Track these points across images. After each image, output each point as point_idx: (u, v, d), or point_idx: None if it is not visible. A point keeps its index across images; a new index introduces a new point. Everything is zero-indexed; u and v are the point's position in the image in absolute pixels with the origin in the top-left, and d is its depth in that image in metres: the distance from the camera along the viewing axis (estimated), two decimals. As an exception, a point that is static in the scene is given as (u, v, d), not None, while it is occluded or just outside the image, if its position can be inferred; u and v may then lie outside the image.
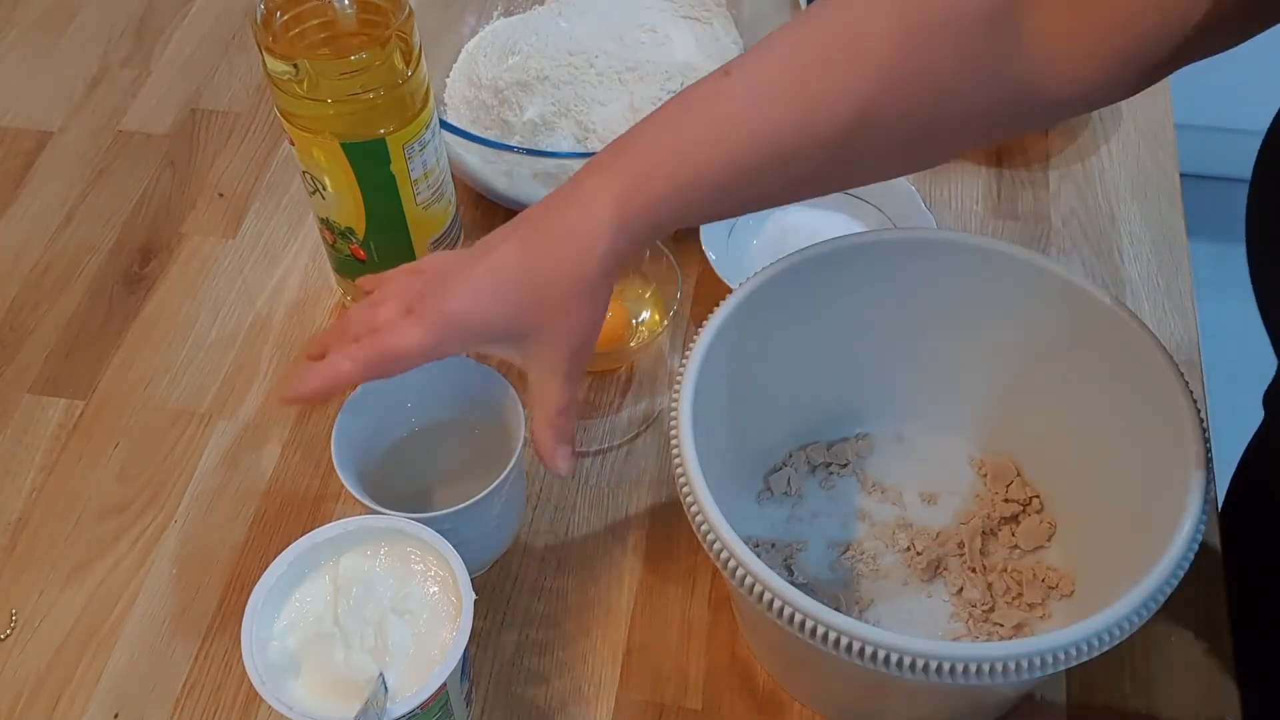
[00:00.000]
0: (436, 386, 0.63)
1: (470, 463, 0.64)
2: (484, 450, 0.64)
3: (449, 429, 0.65)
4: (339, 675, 0.52)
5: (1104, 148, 0.85)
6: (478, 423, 0.64)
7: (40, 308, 0.79)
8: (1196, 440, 0.53)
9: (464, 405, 0.64)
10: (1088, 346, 0.60)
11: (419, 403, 0.64)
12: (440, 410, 0.65)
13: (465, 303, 0.55)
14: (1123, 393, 0.58)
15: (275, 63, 0.62)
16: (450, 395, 0.64)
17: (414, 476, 0.65)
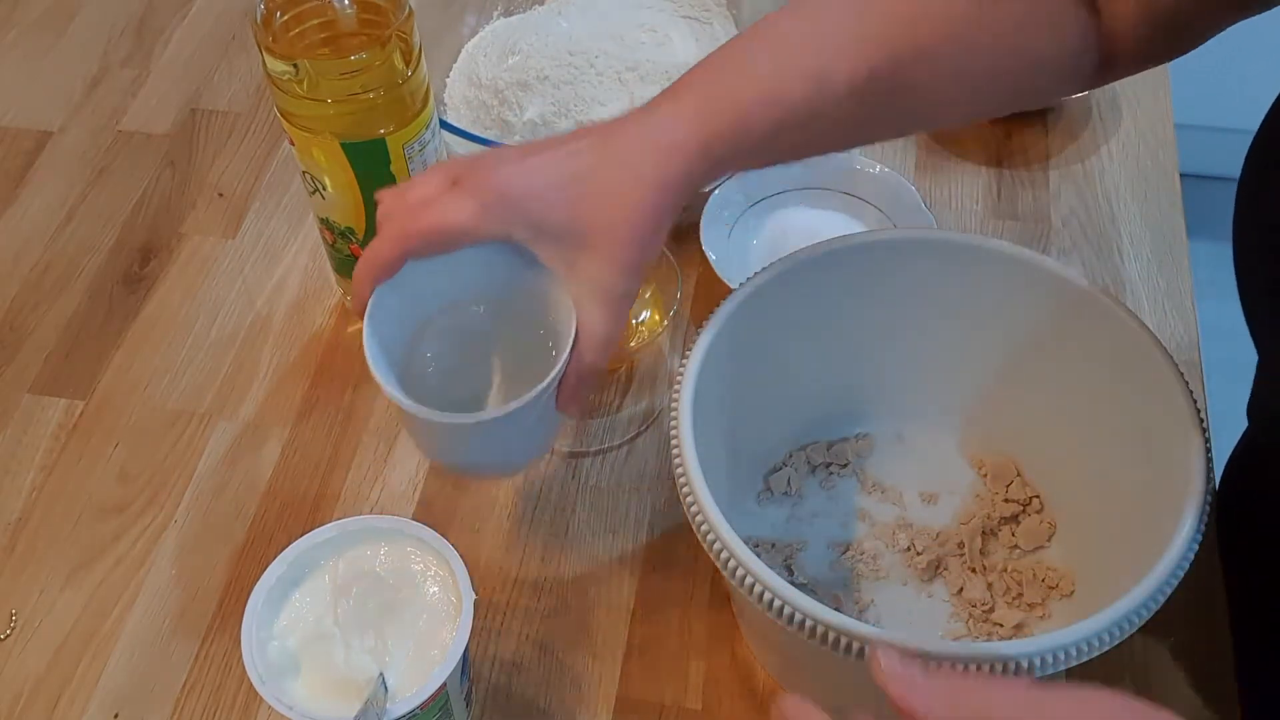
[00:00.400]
0: (477, 275, 0.55)
1: (513, 364, 0.59)
2: (527, 351, 0.57)
3: (490, 326, 0.59)
4: (339, 675, 0.52)
5: (1104, 148, 0.85)
6: (521, 316, 0.57)
7: (40, 308, 0.79)
8: (1197, 440, 0.53)
9: (507, 297, 0.57)
10: (1088, 347, 0.60)
11: (457, 292, 0.57)
12: (480, 301, 0.58)
13: (524, 181, 0.51)
14: (1123, 393, 0.58)
15: (275, 63, 0.62)
16: (492, 284, 0.56)
17: (451, 376, 0.58)
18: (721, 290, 0.70)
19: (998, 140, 0.86)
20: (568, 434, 0.72)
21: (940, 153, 0.86)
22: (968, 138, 0.86)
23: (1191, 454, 0.53)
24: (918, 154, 0.86)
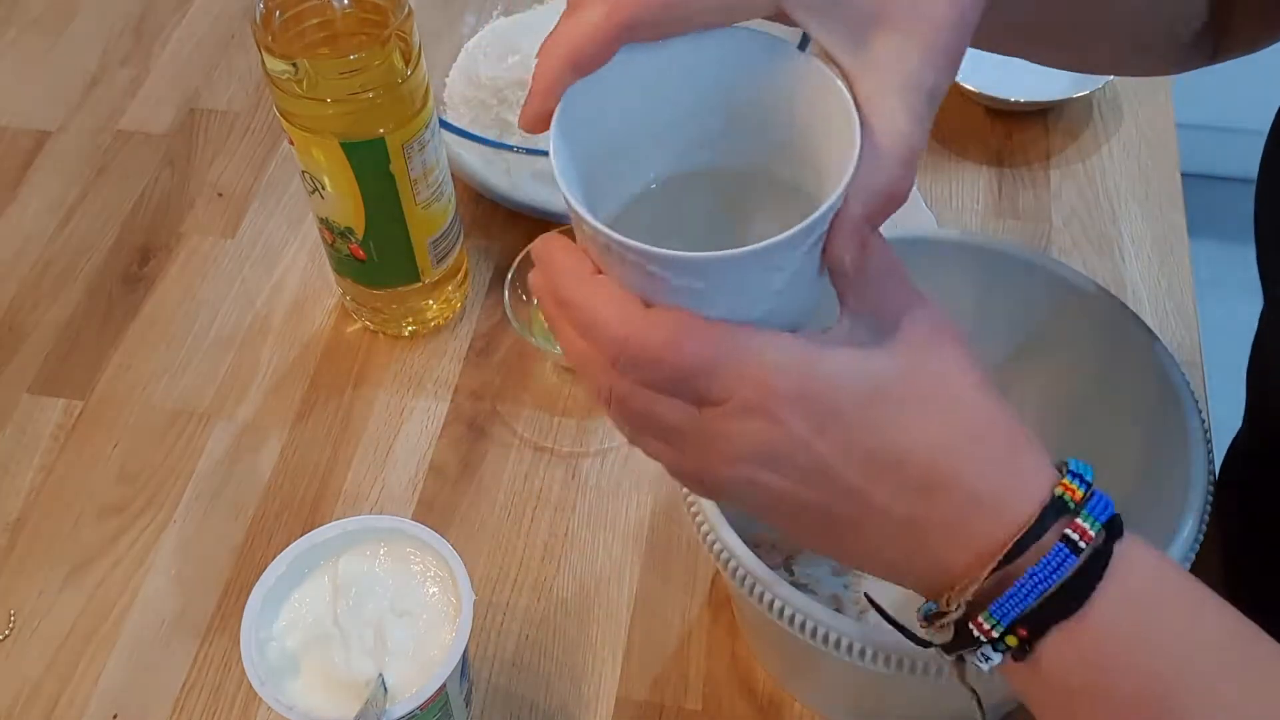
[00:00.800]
0: (697, 132, 0.42)
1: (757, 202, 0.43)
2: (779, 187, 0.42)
3: (714, 206, 0.44)
4: (338, 676, 0.52)
5: (1105, 147, 0.85)
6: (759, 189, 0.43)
7: (39, 307, 0.79)
8: (1198, 440, 0.53)
9: (741, 162, 0.43)
10: (1088, 346, 0.60)
11: (668, 159, 0.43)
12: (701, 169, 0.43)
13: None
14: (1124, 393, 0.58)
15: (274, 62, 0.62)
16: (719, 146, 0.42)
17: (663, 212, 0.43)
18: (722, 290, 0.70)
19: (998, 139, 0.86)
20: (568, 434, 0.71)
21: (941, 151, 0.85)
22: (968, 137, 0.86)
23: (1193, 454, 0.53)
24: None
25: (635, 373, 0.38)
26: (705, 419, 0.38)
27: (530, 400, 0.73)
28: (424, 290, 0.74)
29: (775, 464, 0.38)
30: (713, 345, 0.37)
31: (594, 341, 0.38)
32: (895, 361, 0.38)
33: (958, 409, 0.39)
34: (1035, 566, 0.37)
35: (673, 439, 0.39)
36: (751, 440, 0.37)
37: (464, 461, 0.71)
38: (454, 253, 0.74)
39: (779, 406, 0.37)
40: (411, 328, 0.76)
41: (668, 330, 0.37)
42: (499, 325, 0.76)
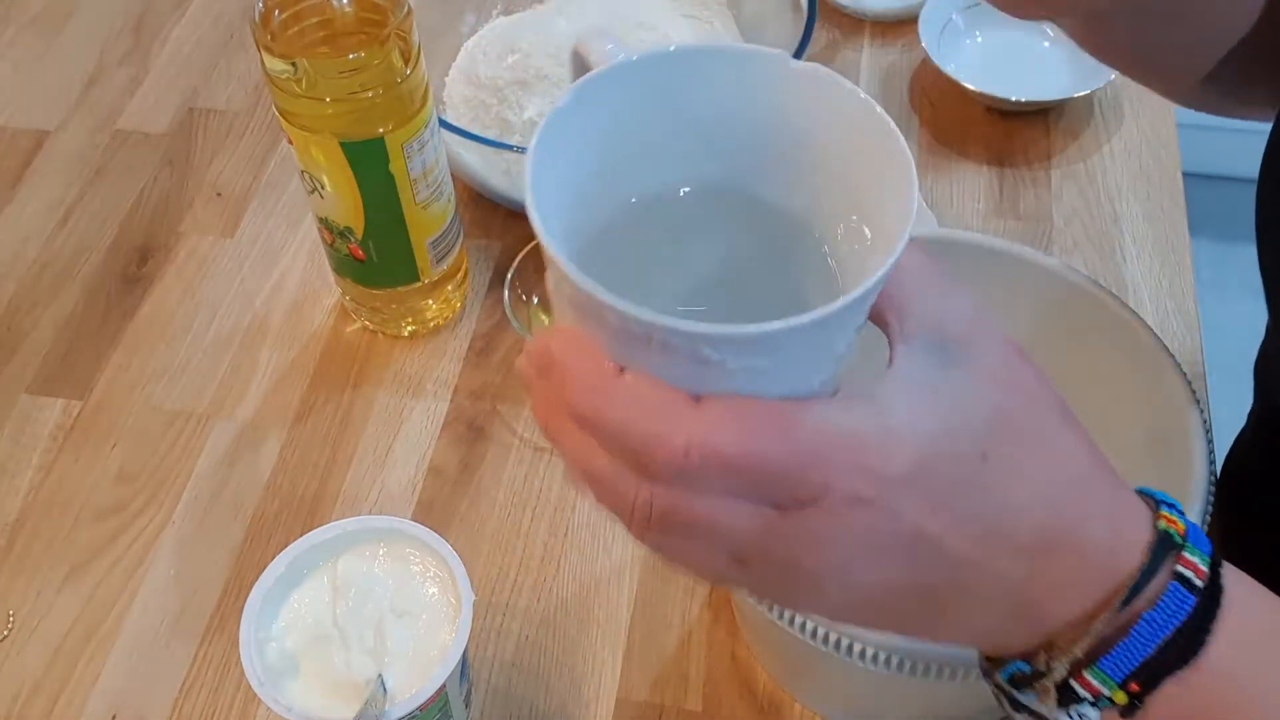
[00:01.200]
0: (699, 137, 0.37)
1: (769, 255, 0.39)
2: (799, 238, 0.38)
3: (709, 221, 0.39)
4: (338, 676, 0.52)
5: (1106, 147, 0.85)
6: (765, 209, 0.38)
7: (37, 308, 0.79)
8: (1199, 440, 0.53)
9: (747, 176, 0.38)
10: (1089, 346, 0.60)
11: (665, 170, 0.38)
12: (697, 183, 0.38)
13: None
14: (1125, 392, 0.58)
15: (274, 61, 0.62)
16: (753, 125, 0.37)
17: (660, 263, 0.39)
18: (722, 289, 0.70)
19: (999, 139, 0.86)
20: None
21: (942, 151, 0.85)
22: (969, 136, 0.86)
23: (1193, 452, 0.53)
24: (919, 153, 0.85)
25: (695, 483, 0.32)
26: (792, 523, 0.32)
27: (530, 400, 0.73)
28: (424, 290, 0.74)
29: (881, 557, 0.33)
30: (796, 435, 0.31)
31: (639, 456, 0.32)
32: (986, 403, 0.34)
33: (1057, 452, 0.35)
34: (1152, 611, 0.34)
35: (745, 551, 0.33)
36: (855, 537, 0.32)
37: (464, 462, 0.70)
38: (454, 252, 0.74)
39: (888, 492, 0.32)
40: (411, 328, 0.76)
41: (737, 427, 0.31)
42: (499, 325, 0.76)
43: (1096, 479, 0.36)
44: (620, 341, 0.32)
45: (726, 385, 0.31)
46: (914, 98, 0.89)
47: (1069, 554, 0.34)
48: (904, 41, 0.92)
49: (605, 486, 0.33)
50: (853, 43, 0.93)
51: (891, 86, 0.90)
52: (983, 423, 0.34)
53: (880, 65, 0.91)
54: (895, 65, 0.91)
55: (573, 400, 0.33)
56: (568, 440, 0.34)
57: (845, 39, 0.93)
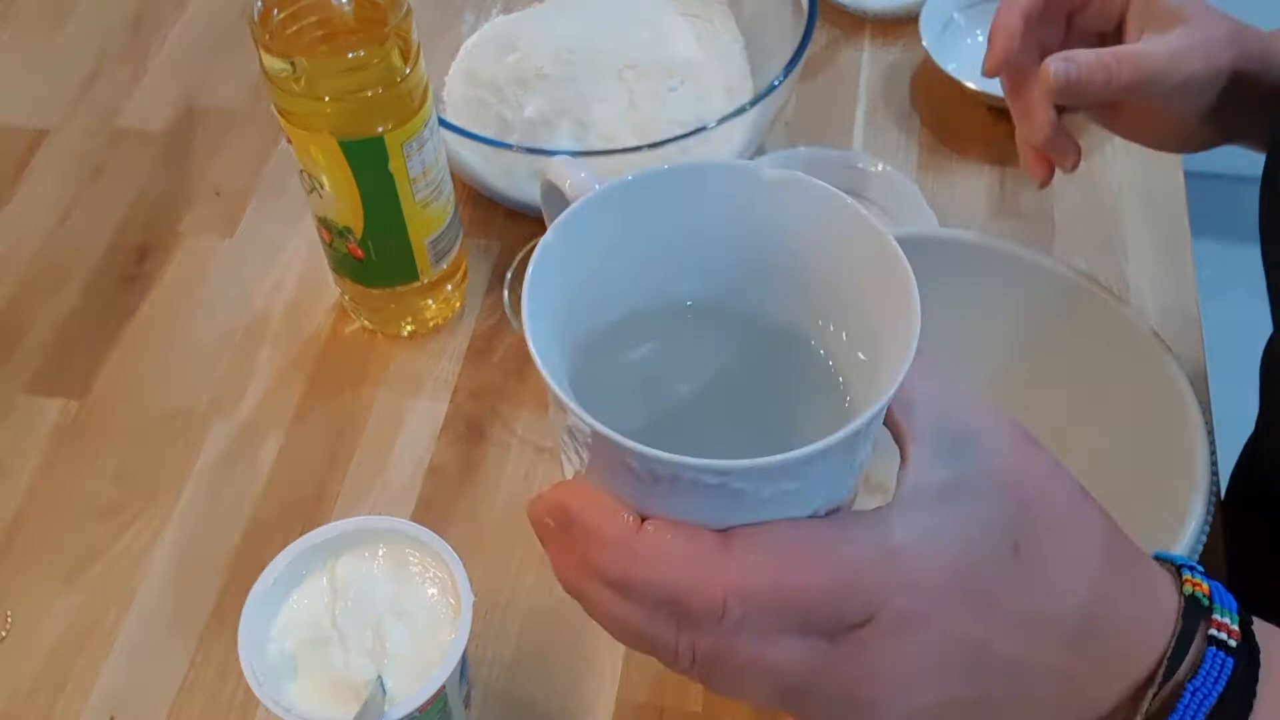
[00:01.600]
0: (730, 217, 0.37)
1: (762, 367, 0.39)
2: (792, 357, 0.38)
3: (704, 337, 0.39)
4: (337, 678, 0.52)
5: (1108, 146, 0.85)
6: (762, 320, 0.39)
7: (35, 307, 0.78)
8: (1201, 440, 0.53)
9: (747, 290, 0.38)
10: (1091, 345, 0.59)
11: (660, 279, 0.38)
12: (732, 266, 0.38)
13: None
14: (1126, 392, 0.58)
15: (272, 60, 0.62)
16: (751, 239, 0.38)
17: (654, 383, 0.39)
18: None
19: (1001, 138, 0.85)
20: (567, 434, 0.71)
21: (943, 151, 0.85)
22: (971, 136, 0.86)
23: (1196, 452, 0.53)
24: (920, 152, 0.85)
25: (739, 627, 0.31)
26: (845, 651, 0.32)
27: (530, 400, 0.73)
28: (423, 290, 0.74)
29: (936, 674, 0.33)
30: (834, 562, 0.31)
31: (675, 609, 0.31)
32: (1007, 497, 0.34)
33: (1080, 534, 0.35)
34: (1194, 680, 0.34)
35: (804, 684, 0.32)
36: (910, 657, 0.32)
37: (463, 462, 0.70)
38: (453, 252, 0.74)
39: (934, 603, 0.32)
40: (410, 327, 0.76)
41: (771, 564, 0.31)
42: (499, 325, 0.76)
43: (1120, 555, 0.36)
44: (643, 483, 0.31)
45: (757, 513, 0.31)
46: (914, 97, 0.89)
47: (1109, 633, 0.34)
48: (904, 41, 0.92)
49: (643, 639, 0.33)
50: (853, 42, 0.93)
51: (892, 86, 0.89)
52: (1007, 517, 0.34)
53: (881, 64, 0.91)
54: (896, 64, 0.91)
55: (598, 563, 0.32)
56: (597, 597, 0.33)
57: (846, 38, 0.93)
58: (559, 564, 0.34)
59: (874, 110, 0.88)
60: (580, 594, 0.33)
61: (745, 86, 0.85)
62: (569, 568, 0.33)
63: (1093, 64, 0.54)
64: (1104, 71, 0.54)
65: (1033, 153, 0.59)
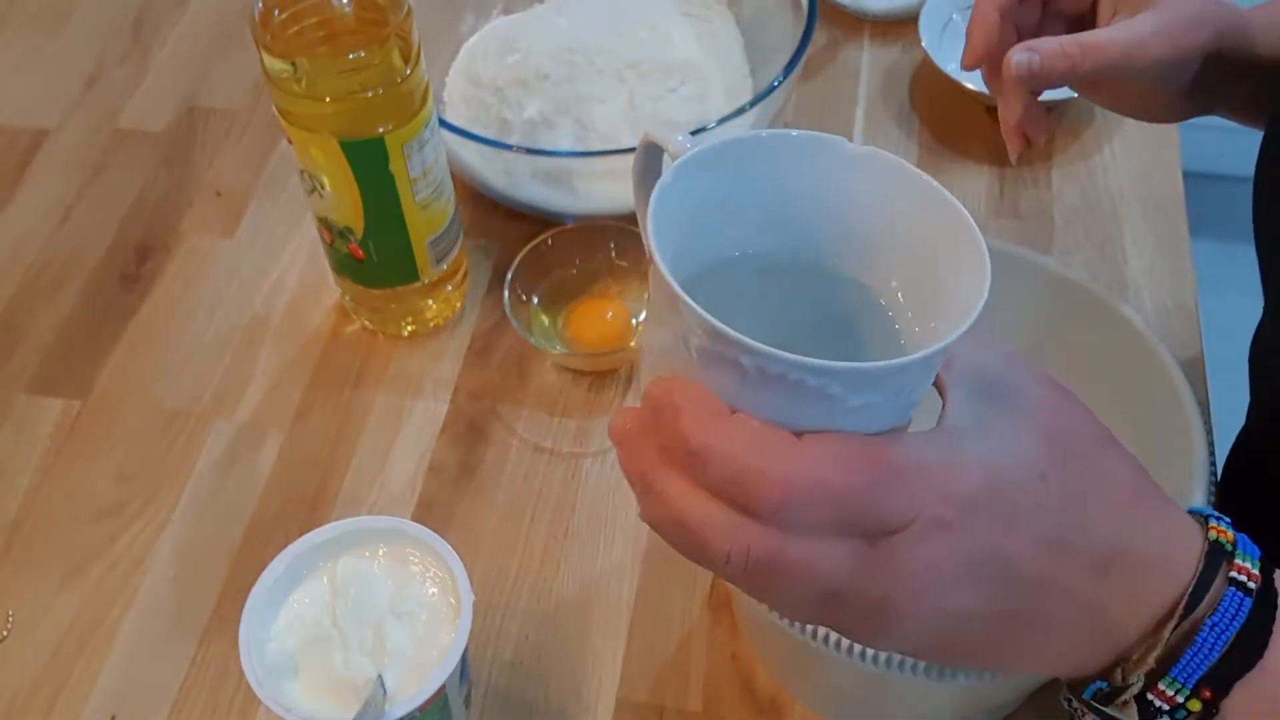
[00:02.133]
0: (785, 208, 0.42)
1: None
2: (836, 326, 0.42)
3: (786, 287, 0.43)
4: (337, 677, 0.52)
5: (1107, 146, 0.85)
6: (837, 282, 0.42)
7: (36, 307, 0.79)
8: (1200, 440, 0.53)
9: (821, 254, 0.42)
10: (1090, 345, 0.60)
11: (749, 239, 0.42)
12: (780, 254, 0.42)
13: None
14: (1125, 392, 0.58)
15: (273, 61, 0.62)
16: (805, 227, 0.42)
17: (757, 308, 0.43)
18: (722, 289, 0.70)
19: (999, 139, 0.85)
20: (568, 434, 0.71)
21: (942, 151, 0.85)
22: (969, 136, 0.86)
23: (1194, 452, 0.53)
24: (919, 153, 0.85)
25: (794, 520, 0.34)
26: (883, 552, 0.34)
27: (530, 400, 0.73)
28: (423, 290, 0.74)
29: (964, 582, 0.35)
30: (884, 465, 0.34)
31: (742, 489, 0.34)
32: (1037, 432, 0.36)
33: (1109, 472, 0.38)
34: (1213, 616, 0.36)
35: (842, 588, 0.35)
36: (939, 562, 0.34)
37: (463, 462, 0.70)
38: (453, 252, 0.74)
39: (965, 514, 0.34)
40: (411, 327, 0.76)
41: (833, 460, 0.33)
42: (499, 325, 0.76)
43: (1147, 496, 0.38)
44: (746, 381, 0.34)
45: (835, 422, 0.34)
46: (914, 97, 0.89)
47: (1132, 567, 0.36)
48: (904, 41, 0.92)
49: (700, 533, 0.35)
50: (853, 42, 0.93)
51: (891, 86, 0.90)
52: (1036, 449, 0.36)
53: (880, 65, 0.91)
54: (895, 65, 0.91)
55: (686, 432, 0.34)
56: (667, 483, 0.35)
57: (845, 38, 0.93)
58: (634, 455, 0.36)
59: (873, 110, 0.88)
60: (649, 482, 0.36)
61: (745, 87, 0.85)
62: (644, 457, 0.36)
63: (1055, 53, 0.56)
64: (1065, 60, 0.56)
65: (1010, 127, 0.62)
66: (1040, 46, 0.56)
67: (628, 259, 0.76)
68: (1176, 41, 0.55)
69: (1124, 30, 0.56)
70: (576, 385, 0.73)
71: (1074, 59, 0.56)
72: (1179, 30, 0.56)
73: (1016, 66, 0.56)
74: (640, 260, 0.75)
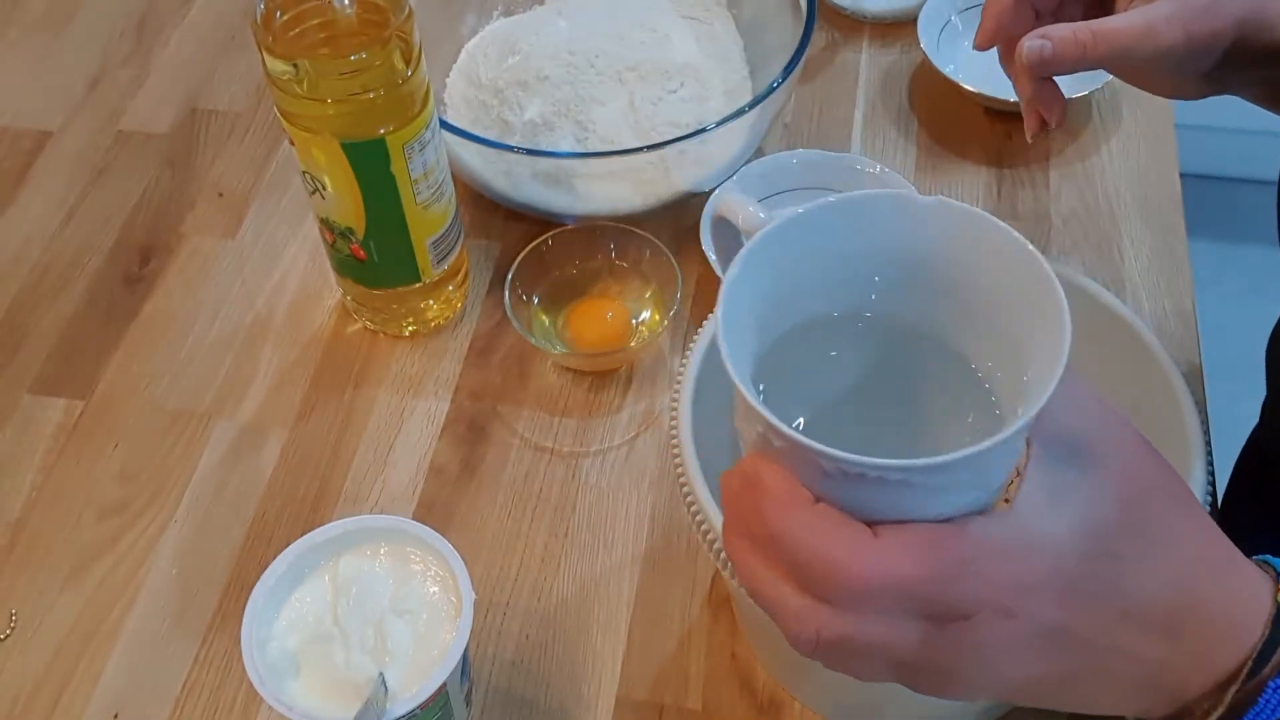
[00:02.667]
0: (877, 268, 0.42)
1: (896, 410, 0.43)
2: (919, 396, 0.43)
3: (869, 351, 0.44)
4: (339, 675, 0.52)
5: (1105, 147, 0.85)
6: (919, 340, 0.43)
7: (40, 308, 0.79)
8: (1198, 440, 0.53)
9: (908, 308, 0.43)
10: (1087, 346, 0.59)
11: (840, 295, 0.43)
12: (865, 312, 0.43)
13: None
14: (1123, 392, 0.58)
15: (275, 62, 0.62)
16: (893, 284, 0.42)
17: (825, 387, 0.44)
18: (721, 290, 0.70)
19: (998, 139, 0.86)
20: (568, 434, 0.72)
21: (940, 152, 0.85)
22: (968, 137, 0.86)
23: (1192, 453, 0.53)
24: (918, 153, 0.86)
25: (865, 607, 0.36)
26: (949, 636, 0.36)
27: (530, 400, 0.73)
28: (424, 290, 0.74)
29: (1025, 655, 0.37)
30: (960, 559, 0.36)
31: (820, 577, 0.36)
32: (1115, 503, 0.37)
33: (1181, 537, 0.38)
34: (1278, 678, 0.37)
35: (910, 660, 0.37)
36: (1003, 643, 0.36)
37: (464, 461, 0.71)
38: (454, 253, 0.74)
39: (1030, 600, 0.36)
40: (412, 328, 0.76)
41: (909, 555, 0.35)
42: (499, 325, 0.76)
43: (1217, 558, 0.39)
44: (823, 477, 0.36)
45: (920, 507, 0.36)
46: (913, 99, 0.89)
47: (1198, 631, 0.37)
48: (903, 43, 0.92)
49: (772, 610, 0.37)
50: (852, 44, 0.93)
51: (891, 87, 0.90)
52: (1108, 523, 0.37)
53: (879, 66, 0.91)
54: (894, 66, 0.91)
55: (769, 515, 0.36)
56: (753, 558, 0.37)
57: (844, 40, 0.93)
58: (730, 520, 0.38)
59: (872, 112, 0.88)
60: (738, 550, 0.38)
61: (745, 88, 0.85)
62: (739, 523, 0.38)
63: (1066, 39, 0.56)
64: (1078, 48, 0.56)
65: (1026, 106, 0.61)
66: (1052, 34, 0.56)
67: (628, 259, 0.76)
68: (1190, 29, 0.55)
69: (1138, 16, 0.56)
70: (577, 385, 0.74)
71: (1086, 46, 0.56)
72: (1192, 18, 0.55)
73: (1028, 53, 0.56)
74: (640, 260, 0.76)
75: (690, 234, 0.77)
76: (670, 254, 0.73)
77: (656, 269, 0.74)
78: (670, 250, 0.73)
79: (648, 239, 0.75)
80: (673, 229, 0.78)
